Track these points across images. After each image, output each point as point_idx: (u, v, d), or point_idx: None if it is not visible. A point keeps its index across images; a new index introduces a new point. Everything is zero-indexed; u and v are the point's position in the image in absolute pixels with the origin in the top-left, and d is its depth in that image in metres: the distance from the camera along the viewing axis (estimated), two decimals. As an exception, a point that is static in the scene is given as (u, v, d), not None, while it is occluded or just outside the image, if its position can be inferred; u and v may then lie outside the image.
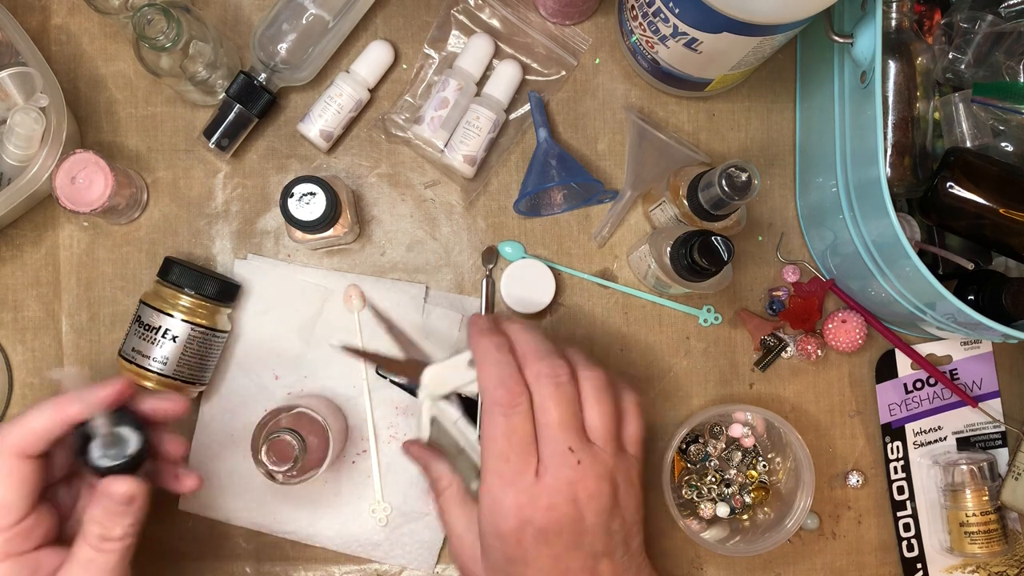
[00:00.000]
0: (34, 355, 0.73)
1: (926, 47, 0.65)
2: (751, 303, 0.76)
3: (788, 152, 0.76)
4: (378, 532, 0.73)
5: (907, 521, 0.76)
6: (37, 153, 0.66)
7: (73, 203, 0.66)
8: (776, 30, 0.58)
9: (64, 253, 0.73)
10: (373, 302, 0.73)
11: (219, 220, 0.74)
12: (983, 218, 0.64)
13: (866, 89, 0.61)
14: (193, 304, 0.68)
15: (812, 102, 0.73)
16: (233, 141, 0.71)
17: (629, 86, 0.75)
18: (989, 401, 0.76)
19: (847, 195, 0.65)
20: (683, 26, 0.60)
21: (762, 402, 0.75)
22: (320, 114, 0.71)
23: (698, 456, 0.74)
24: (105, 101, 0.74)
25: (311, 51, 0.70)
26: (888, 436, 0.76)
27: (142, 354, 0.67)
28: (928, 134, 0.66)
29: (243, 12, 0.74)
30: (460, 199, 0.75)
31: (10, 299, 0.73)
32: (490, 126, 0.72)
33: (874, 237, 0.63)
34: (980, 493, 0.73)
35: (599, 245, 0.75)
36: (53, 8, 0.74)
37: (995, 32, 0.67)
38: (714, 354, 0.75)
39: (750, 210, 0.75)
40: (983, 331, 0.62)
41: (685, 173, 0.69)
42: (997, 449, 0.76)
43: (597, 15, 0.75)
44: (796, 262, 0.76)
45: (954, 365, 0.76)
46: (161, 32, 0.62)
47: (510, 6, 0.74)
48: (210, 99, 0.72)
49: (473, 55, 0.73)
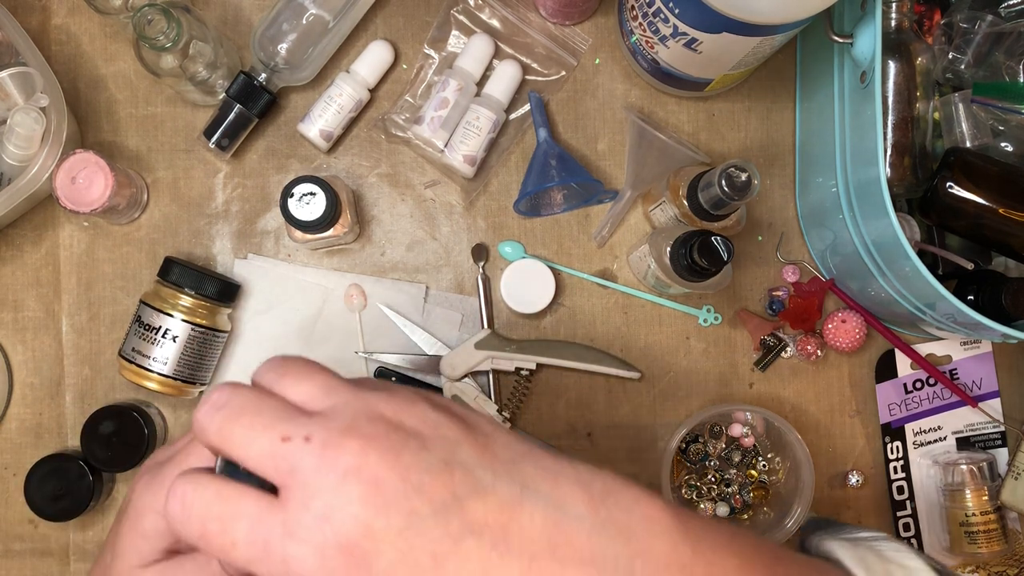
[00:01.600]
0: (34, 355, 0.73)
1: (926, 47, 0.65)
2: (751, 303, 0.76)
3: (788, 152, 0.76)
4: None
5: (907, 521, 0.76)
6: (37, 153, 0.66)
7: (73, 203, 0.66)
8: (776, 30, 0.58)
9: (64, 253, 0.73)
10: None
11: (219, 220, 0.74)
12: (983, 218, 0.64)
13: (866, 89, 0.61)
14: (193, 304, 0.68)
15: (812, 102, 0.73)
16: (233, 141, 0.71)
17: (629, 86, 0.75)
18: (989, 401, 0.76)
19: (847, 195, 0.65)
20: (683, 26, 0.60)
21: (762, 402, 0.75)
22: (320, 114, 0.71)
23: (698, 456, 0.74)
24: (105, 101, 0.74)
25: (311, 51, 0.70)
26: (888, 436, 0.76)
27: (142, 354, 0.67)
28: (928, 134, 0.66)
29: (243, 12, 0.74)
30: (460, 199, 0.75)
31: (10, 299, 0.73)
32: (490, 126, 0.72)
33: (874, 237, 0.63)
34: (980, 493, 0.73)
35: (599, 245, 0.75)
36: (53, 8, 0.74)
37: (995, 32, 0.67)
38: (714, 354, 0.75)
39: (750, 210, 0.75)
40: (983, 331, 0.62)
41: (685, 173, 0.69)
42: (997, 449, 0.76)
43: (597, 15, 0.75)
44: (796, 262, 0.76)
45: (954, 365, 0.76)
46: (161, 32, 0.62)
47: (510, 6, 0.74)
48: (210, 99, 0.72)
49: (473, 55, 0.73)
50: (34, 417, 0.73)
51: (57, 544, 0.73)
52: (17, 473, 0.72)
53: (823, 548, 0.44)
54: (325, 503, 0.31)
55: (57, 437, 0.73)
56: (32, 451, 0.72)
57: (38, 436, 0.73)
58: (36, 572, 0.73)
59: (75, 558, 0.73)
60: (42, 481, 0.69)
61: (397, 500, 0.31)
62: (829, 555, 0.43)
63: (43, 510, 0.69)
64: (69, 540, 0.73)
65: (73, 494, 0.69)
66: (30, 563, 0.73)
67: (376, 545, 0.31)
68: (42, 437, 0.73)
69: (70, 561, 0.73)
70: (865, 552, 0.42)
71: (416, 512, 0.31)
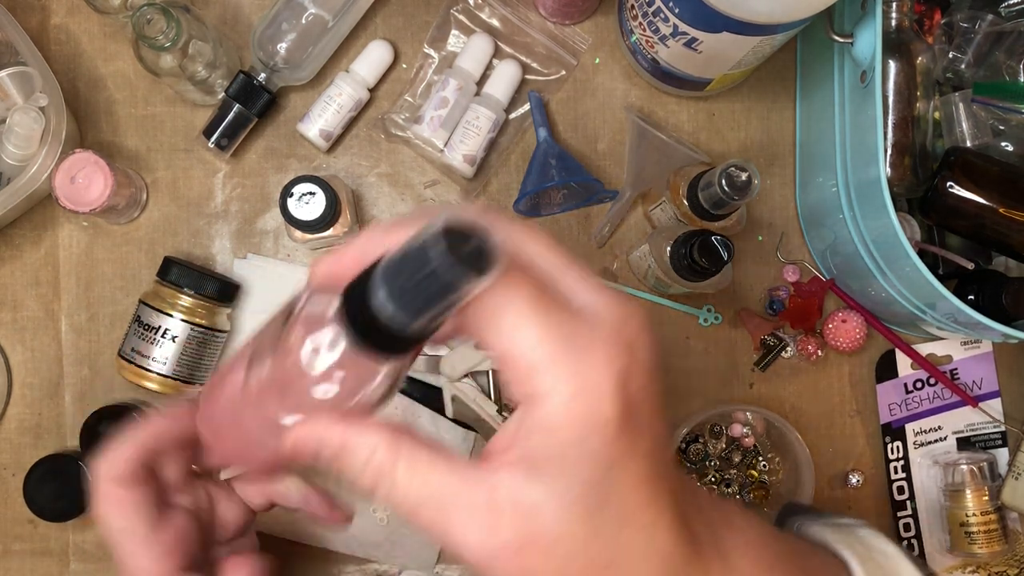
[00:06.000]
0: (33, 355, 0.73)
1: (926, 47, 0.65)
2: (751, 303, 0.76)
3: (788, 152, 0.76)
4: (378, 532, 0.73)
5: (907, 521, 0.76)
6: (36, 153, 0.66)
7: (72, 203, 0.66)
8: (776, 30, 0.58)
9: (63, 253, 0.73)
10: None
11: (219, 220, 0.74)
12: (983, 218, 0.64)
13: (866, 89, 0.61)
14: (192, 304, 0.68)
15: (812, 102, 0.73)
16: (232, 141, 0.71)
17: (629, 86, 0.75)
18: (989, 401, 0.76)
19: (847, 195, 0.65)
20: (683, 26, 0.60)
21: (762, 402, 0.75)
22: (320, 114, 0.71)
23: (698, 456, 0.74)
24: (104, 101, 0.74)
25: (311, 51, 0.70)
26: (888, 436, 0.76)
27: (141, 354, 0.67)
28: (928, 134, 0.66)
29: (243, 11, 0.74)
30: (460, 199, 0.75)
31: (9, 299, 0.73)
32: (490, 126, 0.72)
33: (874, 237, 0.63)
34: (980, 493, 0.73)
35: (599, 245, 0.75)
36: (52, 8, 0.74)
37: (995, 32, 0.67)
38: (714, 354, 0.75)
39: (750, 210, 0.75)
40: (983, 331, 0.62)
41: (685, 173, 0.69)
42: (997, 449, 0.76)
43: (597, 15, 0.75)
44: (796, 262, 0.75)
45: (954, 365, 0.76)
46: (161, 32, 0.62)
47: (510, 5, 0.74)
48: (209, 99, 0.72)
49: (473, 55, 0.72)
50: (33, 417, 0.73)
51: (56, 544, 0.73)
52: (16, 473, 0.72)
53: (807, 532, 0.45)
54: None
55: (56, 437, 0.73)
56: (31, 451, 0.72)
57: (37, 436, 0.73)
58: (35, 572, 0.73)
59: (74, 558, 0.72)
60: (41, 481, 0.68)
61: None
62: (814, 539, 0.44)
63: (42, 510, 0.68)
64: (68, 540, 0.73)
65: (72, 494, 0.68)
66: (29, 563, 0.72)
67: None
68: (41, 437, 0.73)
69: (69, 561, 0.72)
70: (851, 539, 0.43)
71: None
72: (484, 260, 0.28)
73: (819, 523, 0.45)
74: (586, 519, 0.31)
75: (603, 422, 0.30)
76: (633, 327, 0.32)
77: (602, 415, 0.30)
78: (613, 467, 0.31)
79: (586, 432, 0.30)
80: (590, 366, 0.30)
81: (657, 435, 0.32)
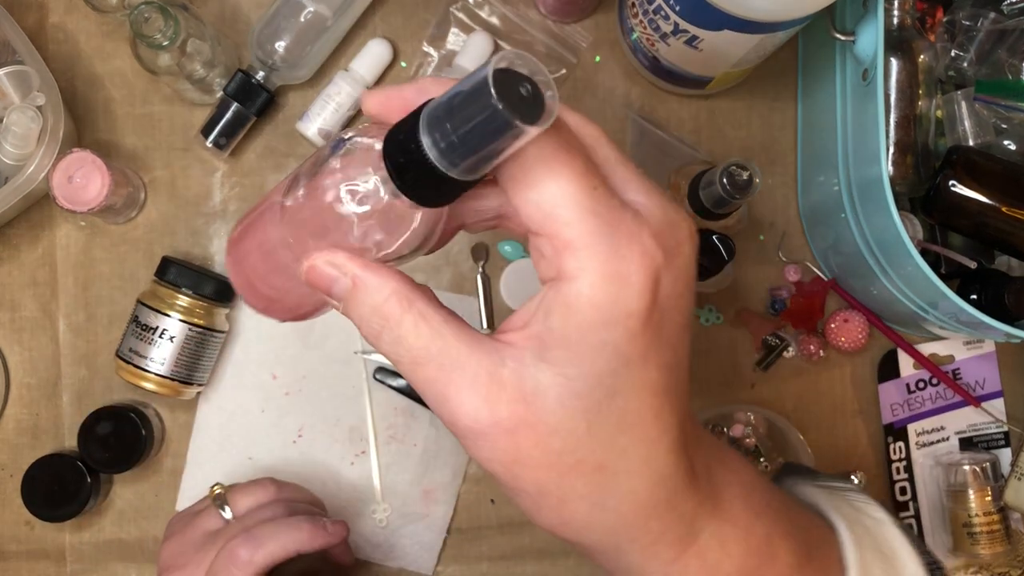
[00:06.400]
0: (31, 355, 0.73)
1: (928, 45, 0.65)
2: (752, 302, 0.75)
3: (789, 150, 0.76)
4: (377, 534, 0.72)
5: (909, 522, 0.75)
6: (34, 152, 0.65)
7: (70, 202, 0.66)
8: (777, 28, 0.58)
9: (61, 253, 0.73)
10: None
11: (217, 219, 0.74)
12: (986, 216, 0.63)
13: (868, 87, 0.61)
14: (191, 304, 0.67)
15: (814, 100, 0.72)
16: (231, 140, 0.71)
17: (629, 84, 0.75)
18: (992, 401, 0.76)
19: (849, 194, 0.64)
20: (684, 23, 0.59)
21: (764, 402, 0.75)
22: (318, 112, 0.71)
23: (699, 456, 0.74)
24: (102, 100, 0.73)
25: (309, 49, 0.70)
26: (890, 436, 0.75)
27: (139, 354, 0.67)
28: (930, 132, 0.66)
29: (241, 10, 0.74)
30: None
31: (7, 299, 0.73)
32: (490, 124, 0.71)
33: (876, 236, 0.63)
34: (983, 493, 0.72)
35: (599, 244, 0.75)
36: (50, 6, 0.73)
37: (997, 30, 0.67)
38: (715, 354, 0.75)
39: (751, 209, 0.75)
40: (986, 330, 0.61)
41: (686, 172, 0.68)
42: (1000, 449, 0.76)
43: (597, 13, 0.75)
44: (798, 261, 0.75)
45: (957, 365, 0.76)
46: (159, 30, 0.62)
47: (510, 4, 0.74)
48: (208, 97, 0.72)
49: (472, 53, 0.72)
50: (31, 418, 0.73)
51: (53, 545, 0.72)
52: (14, 474, 0.72)
53: (796, 491, 0.45)
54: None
55: (54, 438, 0.73)
56: (29, 452, 0.72)
57: (35, 437, 0.73)
58: (32, 574, 0.72)
59: (71, 560, 0.72)
60: (39, 482, 0.68)
61: None
62: (803, 498, 0.43)
63: (40, 511, 0.68)
64: (65, 542, 0.72)
65: (70, 495, 0.68)
66: (26, 565, 0.72)
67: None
68: (39, 438, 0.73)
69: (67, 563, 0.72)
70: (839, 501, 0.42)
71: None
72: (536, 109, 0.27)
73: (812, 484, 0.44)
74: (587, 414, 0.29)
75: (627, 313, 0.29)
76: (679, 234, 0.31)
77: (628, 306, 0.29)
78: (628, 365, 0.29)
79: (608, 319, 0.29)
80: (626, 257, 0.29)
81: (679, 353, 0.31)
